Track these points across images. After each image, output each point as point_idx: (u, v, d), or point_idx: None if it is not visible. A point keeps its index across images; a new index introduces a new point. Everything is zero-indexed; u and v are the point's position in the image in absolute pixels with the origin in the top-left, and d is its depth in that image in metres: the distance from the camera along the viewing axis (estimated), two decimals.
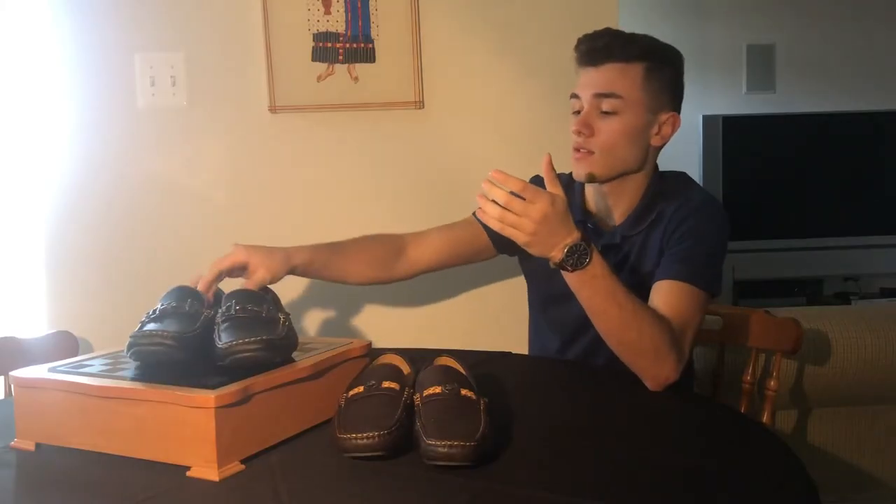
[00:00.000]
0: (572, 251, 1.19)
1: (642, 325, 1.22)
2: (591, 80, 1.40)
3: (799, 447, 1.14)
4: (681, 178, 1.50)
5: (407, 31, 1.91)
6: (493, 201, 1.18)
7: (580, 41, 1.43)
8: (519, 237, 1.20)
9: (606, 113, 1.38)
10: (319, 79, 1.92)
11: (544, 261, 1.22)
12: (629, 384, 1.25)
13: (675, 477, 0.90)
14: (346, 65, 1.92)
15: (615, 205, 1.46)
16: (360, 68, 1.92)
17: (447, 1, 1.93)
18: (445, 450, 0.91)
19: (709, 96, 3.67)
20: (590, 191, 1.49)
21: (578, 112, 1.41)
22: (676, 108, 1.44)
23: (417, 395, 1.01)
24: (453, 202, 1.97)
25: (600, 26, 1.91)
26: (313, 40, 1.91)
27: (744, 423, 1.17)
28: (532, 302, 1.61)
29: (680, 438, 1.05)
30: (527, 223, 1.17)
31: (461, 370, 1.09)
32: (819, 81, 3.66)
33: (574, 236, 1.19)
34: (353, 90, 1.92)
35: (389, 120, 1.95)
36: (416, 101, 1.93)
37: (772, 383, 1.50)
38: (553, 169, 1.24)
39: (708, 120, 3.44)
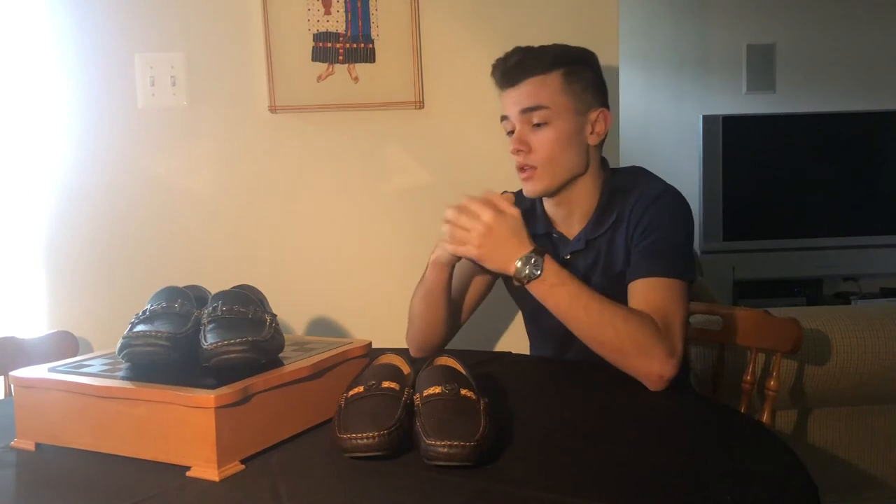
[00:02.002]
0: (524, 263, 1.24)
1: (615, 322, 1.23)
2: (515, 98, 1.42)
3: (799, 447, 1.14)
4: (636, 171, 1.50)
5: (407, 31, 1.91)
6: (445, 223, 1.28)
7: (495, 66, 1.46)
8: (470, 251, 1.28)
9: (537, 125, 1.40)
10: (319, 79, 1.92)
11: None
12: (629, 384, 1.25)
13: (675, 477, 0.90)
14: (346, 65, 1.92)
15: (573, 211, 1.47)
16: (360, 68, 1.92)
17: (447, 1, 1.93)
18: (445, 450, 0.91)
19: (709, 96, 3.68)
20: (547, 203, 1.52)
21: (512, 132, 1.44)
22: (604, 103, 1.46)
23: (417, 395, 1.01)
24: (453, 201, 1.97)
25: (600, 26, 1.93)
26: (313, 40, 1.91)
27: (744, 423, 1.17)
28: (524, 317, 1.62)
29: (680, 438, 1.05)
30: (474, 237, 1.26)
31: (461, 370, 1.09)
32: (819, 81, 3.67)
33: (526, 249, 1.25)
34: (353, 90, 1.92)
35: (389, 120, 1.95)
36: (416, 101, 1.93)
37: (772, 383, 1.50)
38: (504, 193, 1.33)
39: (708, 120, 3.45)
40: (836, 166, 3.53)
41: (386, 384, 1.03)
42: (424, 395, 1.00)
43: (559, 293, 1.25)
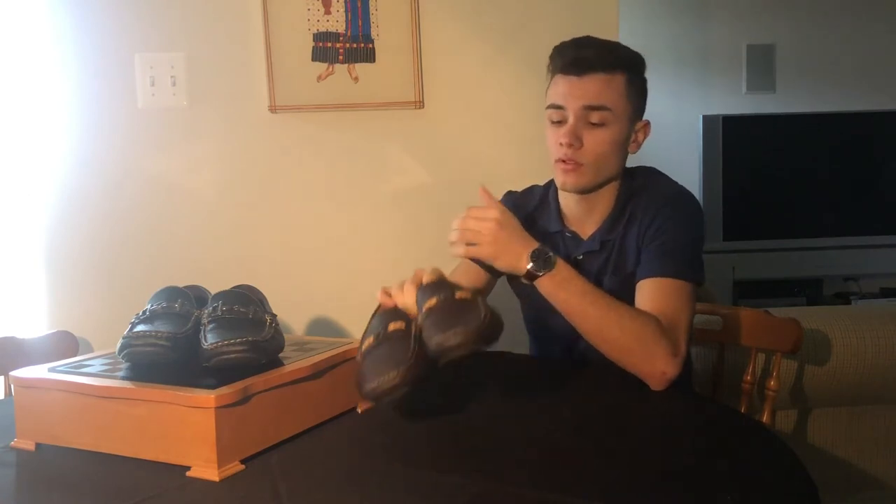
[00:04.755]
0: (536, 256, 1.25)
1: (622, 320, 1.24)
2: (578, 90, 1.38)
3: (799, 447, 1.13)
4: (649, 172, 1.50)
5: (407, 31, 1.91)
6: (454, 231, 1.30)
7: (560, 50, 1.41)
8: (482, 251, 1.29)
9: (594, 124, 1.38)
10: (319, 79, 1.92)
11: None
12: (630, 385, 1.25)
13: (675, 477, 0.90)
14: (346, 65, 1.92)
15: (592, 211, 1.46)
16: (360, 68, 1.92)
17: (447, 1, 1.93)
18: (455, 339, 0.96)
19: (709, 96, 3.67)
20: (565, 200, 1.49)
21: (559, 122, 1.40)
22: (643, 114, 1.46)
23: (420, 315, 1.05)
24: (453, 202, 1.96)
25: (600, 26, 1.93)
26: (313, 40, 1.92)
27: (744, 423, 1.17)
28: (527, 318, 1.61)
29: (680, 438, 1.05)
30: (485, 235, 1.28)
31: (447, 280, 1.14)
32: (819, 81, 3.66)
33: (534, 244, 1.27)
34: (353, 90, 1.92)
35: (389, 120, 1.95)
36: (416, 101, 1.93)
37: (772, 383, 1.50)
38: (489, 195, 1.34)
39: (708, 120, 3.44)
40: (836, 166, 3.52)
41: (392, 326, 1.06)
42: (424, 310, 1.04)
43: (570, 287, 1.26)
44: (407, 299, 1.15)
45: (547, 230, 1.50)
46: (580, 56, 1.38)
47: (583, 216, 1.47)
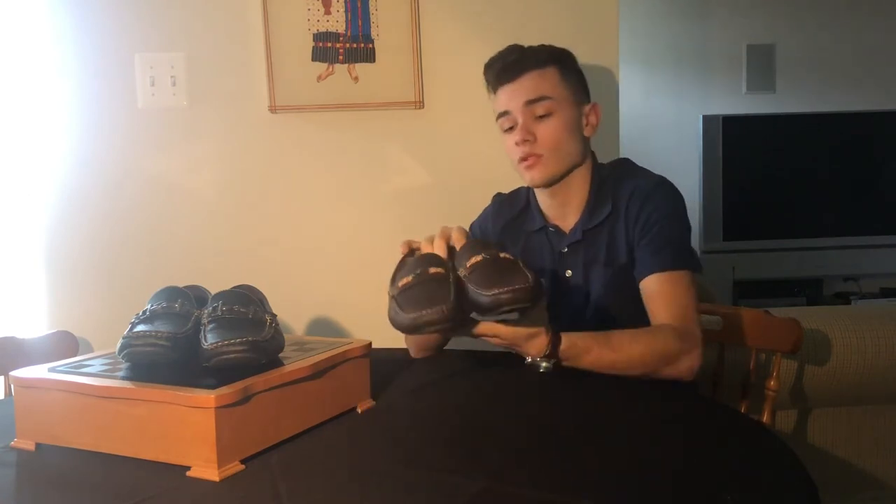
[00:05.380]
0: (541, 361, 1.23)
1: (643, 354, 1.28)
2: (516, 91, 1.45)
3: (799, 447, 1.13)
4: (624, 164, 1.55)
5: (407, 31, 1.91)
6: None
7: (489, 65, 1.50)
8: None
9: (541, 117, 1.44)
10: (319, 79, 1.92)
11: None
12: (629, 384, 1.25)
13: (675, 477, 0.90)
14: (346, 65, 1.92)
15: (568, 202, 1.50)
16: (360, 68, 1.92)
17: (447, 1, 1.93)
18: (509, 295, 0.99)
19: (709, 96, 3.67)
20: (541, 197, 1.54)
21: (511, 128, 1.47)
22: (590, 98, 1.53)
23: (462, 269, 1.07)
24: (453, 202, 1.97)
25: (600, 26, 1.93)
26: (313, 40, 1.91)
27: (744, 423, 1.17)
28: None
29: (680, 438, 1.05)
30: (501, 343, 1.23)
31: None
32: (819, 81, 3.66)
33: (537, 349, 1.22)
34: (353, 90, 1.92)
35: (389, 120, 1.95)
36: (416, 101, 1.93)
37: (772, 383, 1.50)
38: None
39: (708, 120, 3.45)
40: (836, 166, 3.52)
41: (433, 270, 1.08)
42: (469, 265, 1.06)
43: (584, 353, 1.25)
44: (438, 252, 1.18)
45: (532, 229, 1.54)
46: (508, 62, 1.46)
47: (560, 209, 1.51)
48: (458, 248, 1.20)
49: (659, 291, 1.35)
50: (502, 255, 1.09)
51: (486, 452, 1.00)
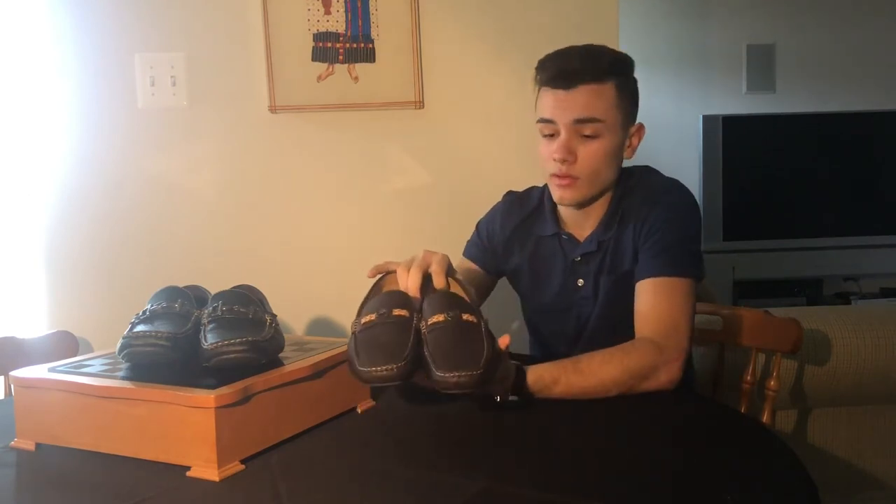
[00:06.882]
0: (507, 396, 1.18)
1: (614, 374, 1.21)
2: (567, 104, 1.34)
3: (799, 447, 1.13)
4: (644, 171, 1.48)
5: (407, 31, 1.91)
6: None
7: (546, 63, 1.38)
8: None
9: (587, 136, 1.35)
10: (319, 79, 1.92)
11: (533, 279, 1.22)
12: None
13: (675, 477, 0.90)
14: (346, 65, 1.92)
15: (589, 214, 1.45)
16: (360, 68, 1.92)
17: (447, 1, 1.93)
18: (455, 379, 0.97)
19: (709, 96, 3.67)
20: (562, 205, 1.47)
21: (551, 136, 1.38)
22: (636, 117, 1.43)
23: (423, 322, 1.05)
24: (453, 202, 1.97)
25: (600, 26, 1.93)
26: (313, 40, 1.92)
27: (744, 423, 1.17)
28: (527, 317, 1.61)
29: (680, 438, 1.05)
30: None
31: (462, 294, 1.15)
32: (819, 81, 3.66)
33: (499, 392, 1.17)
34: (353, 90, 1.92)
35: (389, 120, 1.95)
36: (416, 101, 1.93)
37: (772, 383, 1.49)
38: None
39: (708, 120, 3.44)
40: (836, 166, 3.52)
41: (396, 312, 1.06)
42: (430, 323, 1.04)
43: (552, 385, 1.20)
44: (411, 284, 1.16)
45: (543, 233, 1.49)
46: (565, 68, 1.34)
47: (580, 220, 1.47)
48: (434, 282, 1.17)
49: (650, 299, 1.30)
50: (465, 316, 1.05)
51: (486, 452, 1.00)
